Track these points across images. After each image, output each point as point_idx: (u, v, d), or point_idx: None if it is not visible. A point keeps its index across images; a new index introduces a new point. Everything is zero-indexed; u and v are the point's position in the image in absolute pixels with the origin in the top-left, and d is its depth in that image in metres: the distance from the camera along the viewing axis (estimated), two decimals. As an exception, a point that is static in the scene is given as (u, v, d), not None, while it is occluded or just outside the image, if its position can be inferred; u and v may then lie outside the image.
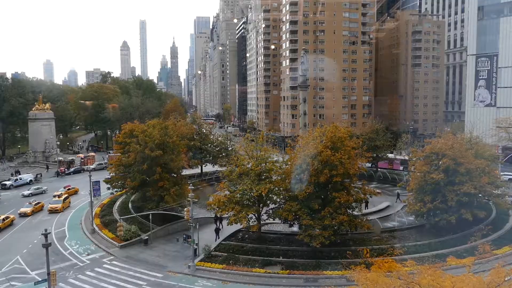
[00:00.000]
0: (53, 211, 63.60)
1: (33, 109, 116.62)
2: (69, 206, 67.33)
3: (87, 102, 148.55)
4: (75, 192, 77.38)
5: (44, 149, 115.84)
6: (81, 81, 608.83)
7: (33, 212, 63.51)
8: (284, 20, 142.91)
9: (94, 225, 54.43)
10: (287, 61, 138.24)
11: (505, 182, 52.75)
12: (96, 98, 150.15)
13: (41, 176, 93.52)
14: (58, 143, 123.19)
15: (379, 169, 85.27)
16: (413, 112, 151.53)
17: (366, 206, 54.92)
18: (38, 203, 66.65)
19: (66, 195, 70.81)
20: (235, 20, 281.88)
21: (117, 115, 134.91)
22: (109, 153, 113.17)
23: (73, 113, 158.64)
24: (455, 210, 44.44)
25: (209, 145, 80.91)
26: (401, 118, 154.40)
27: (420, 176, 47.34)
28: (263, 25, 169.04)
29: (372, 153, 71.24)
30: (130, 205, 61.16)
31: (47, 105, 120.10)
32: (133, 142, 54.13)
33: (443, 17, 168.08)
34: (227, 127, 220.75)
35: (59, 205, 64.99)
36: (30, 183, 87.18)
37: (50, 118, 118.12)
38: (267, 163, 45.78)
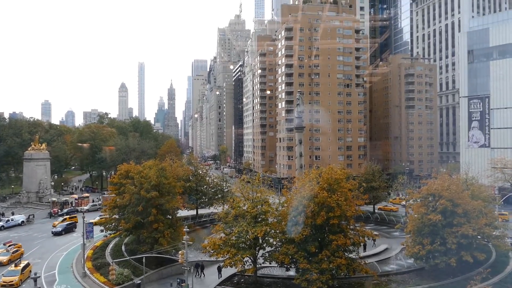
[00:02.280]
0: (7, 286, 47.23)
1: (29, 149, 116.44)
2: (28, 276, 49.57)
3: (85, 145, 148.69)
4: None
5: (38, 190, 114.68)
6: (79, 121, 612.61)
7: (10, 261, 56.74)
8: (279, 63, 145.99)
9: (86, 269, 52.94)
10: (283, 103, 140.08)
11: (504, 224, 52.29)
12: (92, 139, 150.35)
13: (33, 217, 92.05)
14: (53, 183, 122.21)
15: (376, 211, 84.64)
16: (408, 153, 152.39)
17: (364, 248, 54.01)
18: (17, 250, 61.12)
19: (25, 263, 52.84)
20: (231, 67, 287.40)
21: (113, 155, 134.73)
22: (104, 194, 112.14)
23: (69, 153, 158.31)
24: (454, 253, 43.79)
25: (205, 186, 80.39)
26: (397, 159, 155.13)
27: (418, 217, 46.93)
28: (259, 68, 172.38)
29: (369, 195, 70.94)
30: (123, 247, 59.86)
31: (43, 145, 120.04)
32: (128, 183, 53.73)
33: (435, 60, 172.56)
34: (223, 168, 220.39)
35: (16, 278, 48.06)
36: (22, 224, 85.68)
37: (46, 158, 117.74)
38: (263, 205, 45.34)
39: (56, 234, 75.99)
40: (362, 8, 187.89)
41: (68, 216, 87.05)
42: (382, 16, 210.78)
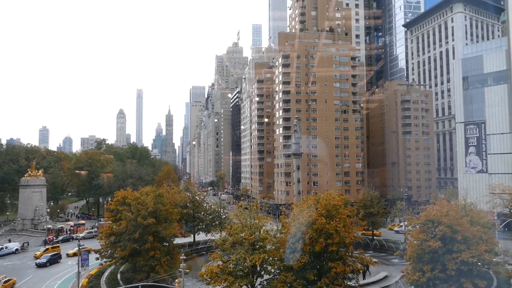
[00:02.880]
0: None
1: (25, 175, 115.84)
2: None
3: (82, 172, 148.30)
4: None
5: (33, 217, 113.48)
6: (76, 147, 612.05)
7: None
8: (277, 90, 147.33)
9: (80, 298, 51.93)
10: (281, 129, 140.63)
11: (505, 250, 51.72)
12: (89, 165, 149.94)
13: (28, 244, 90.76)
14: (48, 210, 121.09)
15: (375, 237, 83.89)
16: (406, 179, 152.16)
17: (364, 276, 53.21)
18: (9, 280, 59.83)
19: None
20: (230, 95, 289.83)
21: (110, 182, 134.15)
22: (100, 221, 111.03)
23: (66, 180, 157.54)
24: (455, 280, 43.12)
25: (202, 213, 79.76)
26: (395, 185, 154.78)
27: (417, 244, 46.43)
28: (257, 95, 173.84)
29: (368, 221, 70.47)
30: (119, 276, 58.84)
31: (40, 171, 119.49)
32: (125, 209, 53.31)
33: (430, 86, 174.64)
34: (220, 195, 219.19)
35: None
36: (16, 252, 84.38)
37: (42, 184, 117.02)
38: (261, 232, 44.86)
39: (40, 266, 71.83)
40: (357, 36, 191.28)
41: (51, 246, 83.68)
42: (378, 43, 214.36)
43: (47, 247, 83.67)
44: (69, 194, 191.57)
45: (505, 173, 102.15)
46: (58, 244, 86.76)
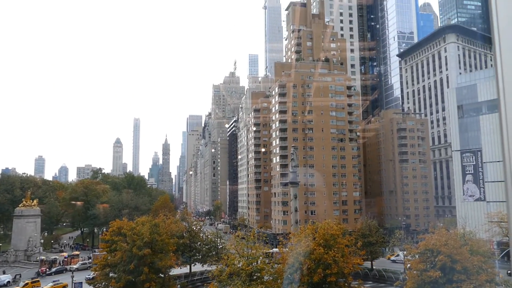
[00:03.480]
0: None
1: (20, 205, 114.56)
2: None
3: (78, 203, 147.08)
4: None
5: (27, 248, 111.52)
6: (72, 177, 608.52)
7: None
8: (273, 119, 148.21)
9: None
10: (277, 158, 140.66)
11: (506, 280, 51.01)
12: (85, 195, 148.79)
13: (20, 277, 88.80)
14: (42, 241, 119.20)
15: (374, 267, 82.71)
16: (404, 208, 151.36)
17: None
18: None
19: None
20: (227, 125, 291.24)
21: (106, 212, 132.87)
22: (95, 251, 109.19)
23: (61, 210, 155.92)
24: (456, 311, 42.32)
25: (199, 243, 78.66)
26: (393, 213, 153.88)
27: (417, 274, 45.78)
28: (253, 124, 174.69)
29: (366, 250, 69.59)
30: (113, 309, 57.40)
31: (35, 201, 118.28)
32: (120, 240, 52.54)
33: (426, 115, 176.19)
34: (217, 224, 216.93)
35: None
36: (7, 284, 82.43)
37: (36, 215, 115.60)
38: (259, 262, 44.16)
39: None
40: (353, 66, 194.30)
41: (31, 280, 79.73)
42: (373, 73, 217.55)
43: (26, 281, 79.76)
44: (64, 224, 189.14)
45: (503, 201, 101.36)
46: (38, 279, 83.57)
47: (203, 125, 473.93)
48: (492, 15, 3.30)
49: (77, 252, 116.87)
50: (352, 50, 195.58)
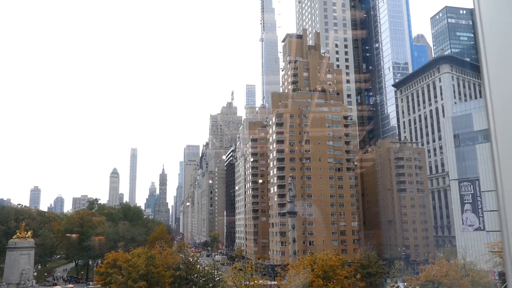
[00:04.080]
0: None
1: (13, 237, 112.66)
2: None
3: (73, 235, 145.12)
4: None
5: (19, 281, 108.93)
6: (67, 207, 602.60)
7: None
8: (271, 148, 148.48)
9: None
10: (275, 188, 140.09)
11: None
12: (80, 226, 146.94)
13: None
14: (35, 273, 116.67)
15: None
16: (404, 238, 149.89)
17: None
18: None
19: None
20: (224, 157, 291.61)
21: (101, 243, 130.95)
22: (89, 284, 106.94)
23: (55, 241, 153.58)
24: None
25: (196, 275, 77.16)
26: (392, 243, 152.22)
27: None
28: (251, 154, 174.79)
29: (366, 282, 68.39)
30: None
31: (29, 233, 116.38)
32: (115, 272, 51.59)
33: (422, 144, 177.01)
34: (214, 255, 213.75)
35: None
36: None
37: (30, 247, 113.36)
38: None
39: None
40: (349, 96, 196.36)
41: None
42: (369, 103, 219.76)
43: None
44: (58, 256, 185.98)
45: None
46: None
47: (200, 155, 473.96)
48: (480, 47, 3.35)
49: (71, 285, 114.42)
50: (348, 81, 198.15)
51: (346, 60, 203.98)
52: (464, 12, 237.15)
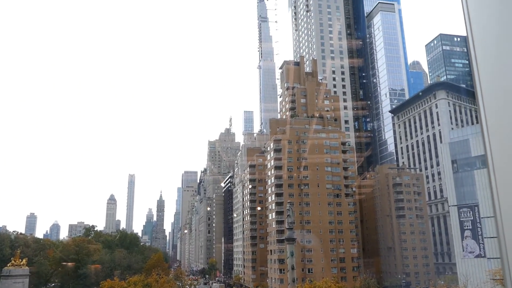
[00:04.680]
0: None
1: (8, 265, 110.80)
2: None
3: (69, 263, 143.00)
4: None
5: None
6: (64, 234, 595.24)
7: None
8: (269, 174, 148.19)
9: None
10: (273, 214, 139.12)
11: None
12: (76, 253, 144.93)
13: None
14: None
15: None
16: (403, 265, 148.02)
17: None
18: None
19: None
20: (223, 184, 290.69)
21: (97, 271, 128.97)
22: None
23: (51, 269, 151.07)
24: None
25: (193, 303, 75.81)
26: (392, 271, 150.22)
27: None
28: (249, 180, 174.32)
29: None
30: None
31: (24, 260, 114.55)
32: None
33: (421, 170, 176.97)
34: (212, 283, 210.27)
35: None
36: None
37: (25, 275, 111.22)
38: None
39: None
40: (346, 122, 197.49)
41: None
42: (366, 129, 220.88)
43: None
44: (53, 284, 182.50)
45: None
46: None
47: (198, 181, 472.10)
48: (474, 74, 3.39)
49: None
50: (345, 107, 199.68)
51: (343, 86, 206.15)
52: (459, 39, 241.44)
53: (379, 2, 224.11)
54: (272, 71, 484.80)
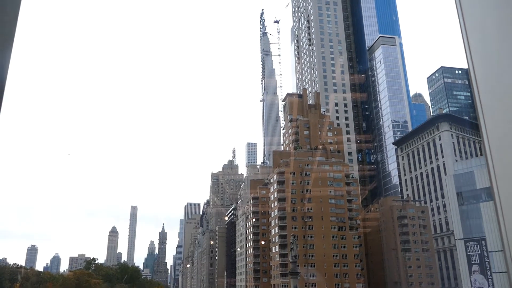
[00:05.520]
0: None
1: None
2: None
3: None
4: None
5: None
6: (64, 267, 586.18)
7: None
8: (272, 207, 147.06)
9: None
10: (277, 247, 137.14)
11: None
12: (77, 287, 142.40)
13: None
14: None
15: None
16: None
17: None
18: None
19: None
20: (226, 218, 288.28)
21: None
22: None
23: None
24: None
25: None
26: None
27: None
28: (252, 212, 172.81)
29: None
30: None
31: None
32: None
33: (425, 202, 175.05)
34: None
35: None
36: None
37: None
38: None
39: None
40: (350, 154, 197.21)
41: None
42: (370, 161, 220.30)
43: None
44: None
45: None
46: None
47: (201, 213, 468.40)
48: (477, 106, 3.38)
49: None
50: (348, 139, 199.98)
51: (346, 118, 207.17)
52: (460, 72, 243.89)
53: (380, 36, 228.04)
54: (275, 103, 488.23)
